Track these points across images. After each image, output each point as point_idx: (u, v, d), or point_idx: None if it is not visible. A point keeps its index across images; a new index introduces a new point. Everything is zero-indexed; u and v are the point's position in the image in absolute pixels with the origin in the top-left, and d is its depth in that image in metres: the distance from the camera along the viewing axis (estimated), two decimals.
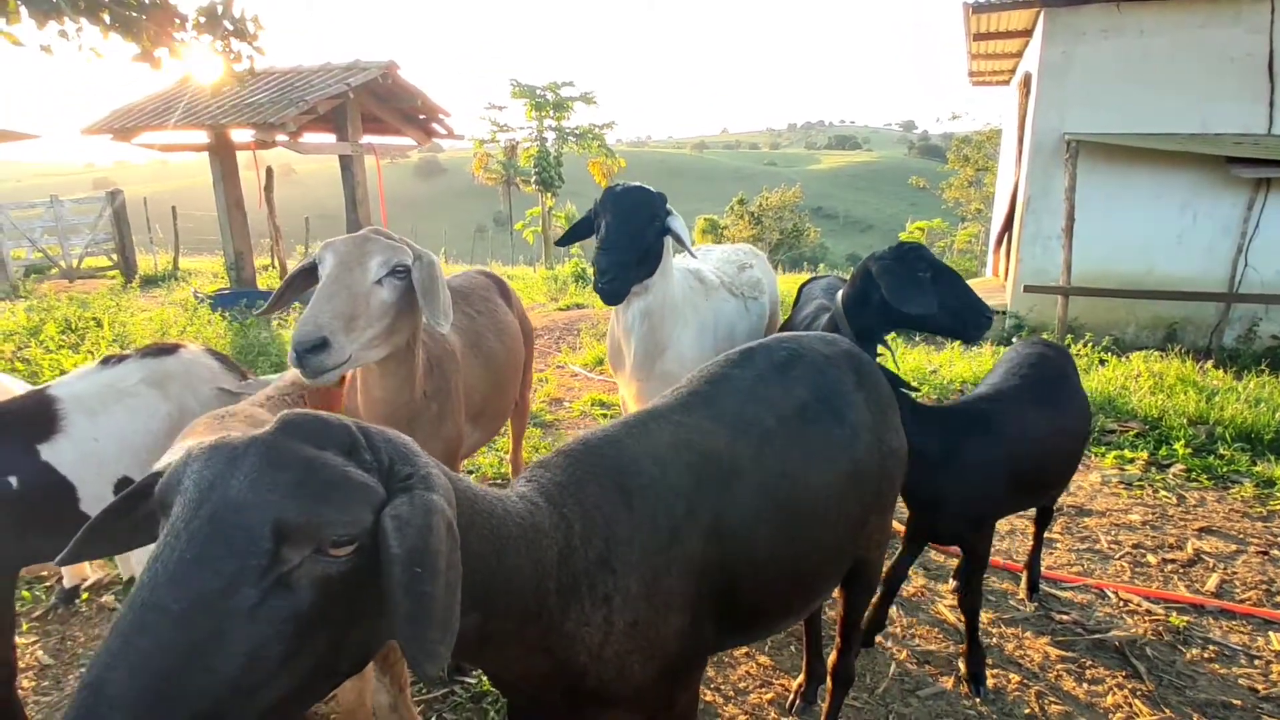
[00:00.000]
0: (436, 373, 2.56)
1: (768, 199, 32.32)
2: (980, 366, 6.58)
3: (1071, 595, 3.37)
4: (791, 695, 2.70)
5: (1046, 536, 3.89)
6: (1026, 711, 2.64)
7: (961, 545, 2.72)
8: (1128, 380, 6.19)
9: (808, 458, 1.74)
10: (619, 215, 2.80)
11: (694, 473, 1.55)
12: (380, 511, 0.94)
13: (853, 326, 2.99)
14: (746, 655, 2.99)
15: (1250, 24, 7.80)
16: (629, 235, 2.77)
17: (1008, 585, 3.46)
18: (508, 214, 30.13)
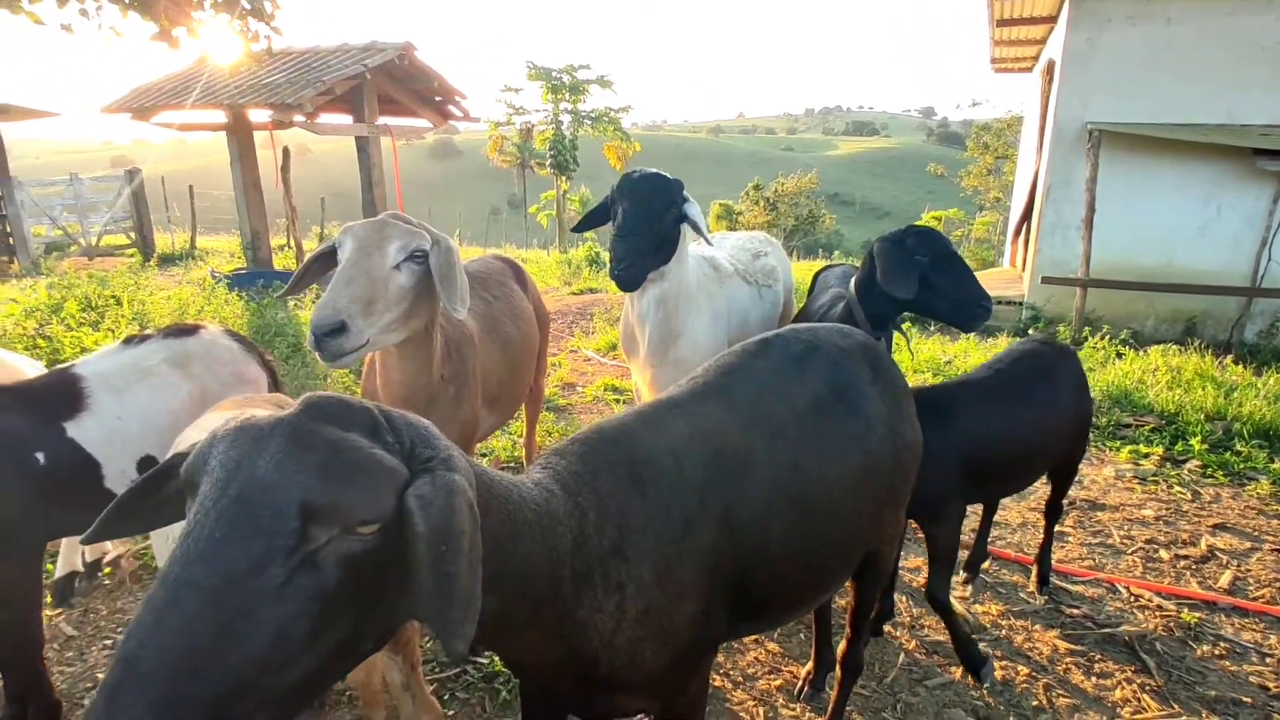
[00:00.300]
0: (454, 357, 2.58)
1: (783, 185, 32.10)
2: None
3: (1082, 589, 3.37)
4: (800, 682, 2.73)
5: (1058, 530, 3.89)
6: (1034, 703, 2.65)
7: (925, 533, 2.72)
8: (1145, 374, 6.14)
9: (822, 451, 1.74)
10: (636, 202, 2.80)
11: (708, 464, 1.56)
12: (403, 492, 0.95)
13: (865, 311, 3.00)
14: (755, 642, 3.01)
15: None
16: (646, 222, 2.77)
17: (1018, 578, 3.46)
18: (522, 197, 30.11)
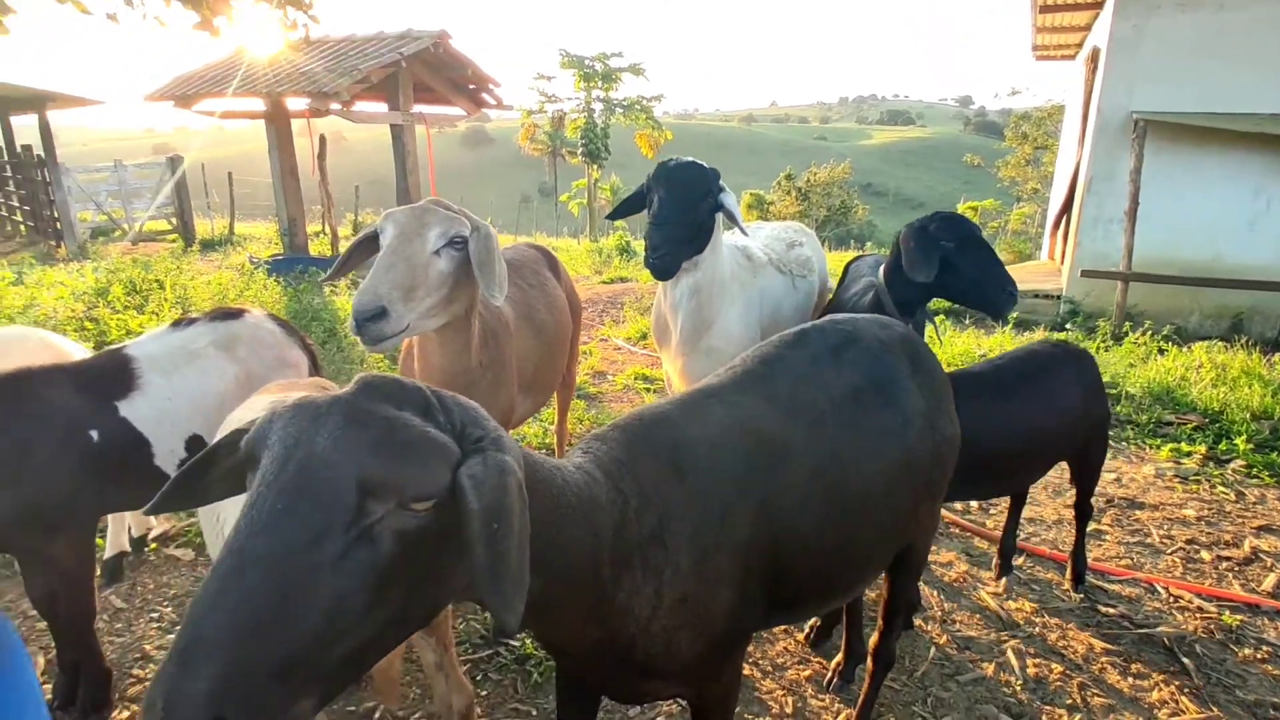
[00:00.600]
0: (491, 343, 2.61)
1: (816, 174, 31.76)
2: None
3: (1119, 589, 3.32)
4: (830, 674, 2.73)
5: (1095, 528, 3.83)
6: (1069, 702, 2.62)
7: None
8: (1188, 371, 5.99)
9: (860, 442, 1.74)
10: (672, 190, 2.80)
11: (747, 454, 1.56)
12: (455, 471, 0.98)
13: (892, 298, 2.99)
14: (785, 632, 3.02)
15: None
16: (681, 211, 2.77)
17: (1053, 575, 3.42)
18: (553, 185, 30.19)
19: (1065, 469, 3.24)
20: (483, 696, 2.62)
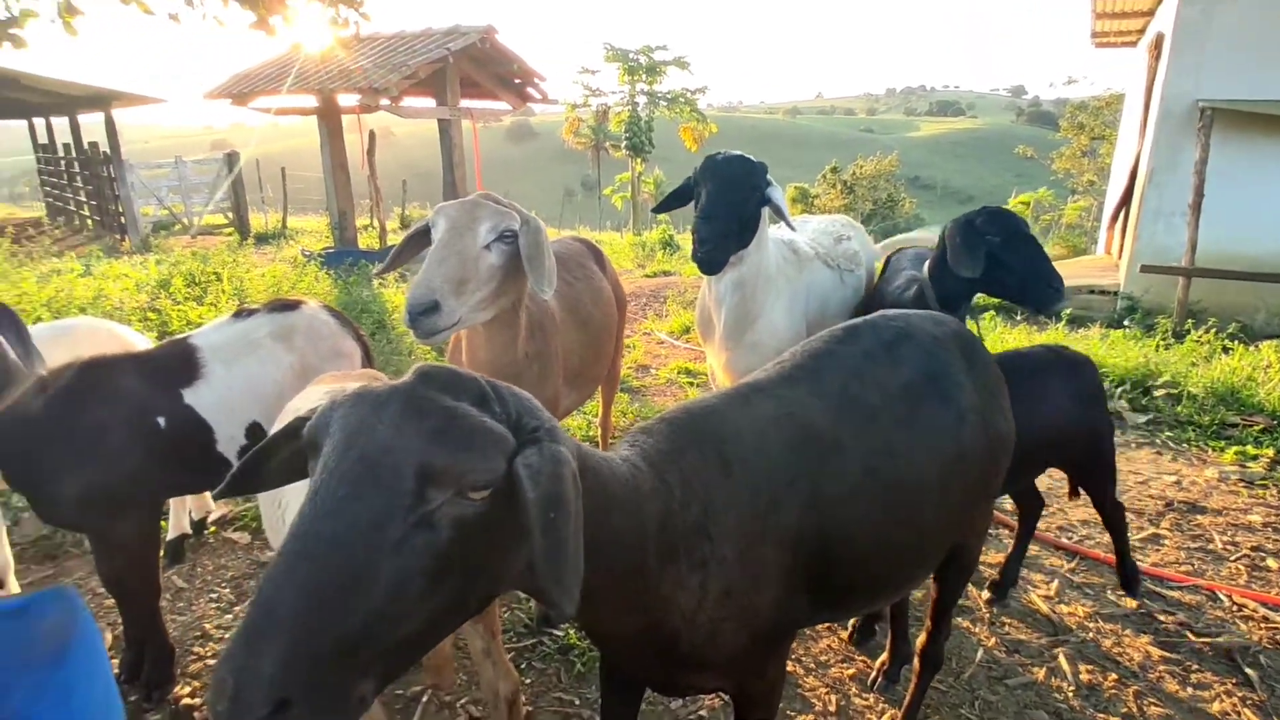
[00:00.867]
0: (538, 335, 2.64)
1: (862, 167, 31.20)
2: (1086, 348, 6.21)
3: (1179, 595, 3.20)
4: (874, 673, 2.70)
5: (1153, 532, 3.71)
6: (1123, 710, 2.55)
7: None
8: (1255, 370, 5.73)
9: (912, 439, 1.71)
10: (720, 184, 2.78)
11: (794, 446, 1.56)
12: (512, 460, 0.99)
13: (936, 292, 2.97)
14: (828, 630, 2.99)
15: None
16: (730, 205, 2.76)
17: (1107, 580, 3.32)
18: (596, 179, 30.26)
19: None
20: (527, 685, 2.66)
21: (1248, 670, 2.72)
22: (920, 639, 2.32)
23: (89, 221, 15.85)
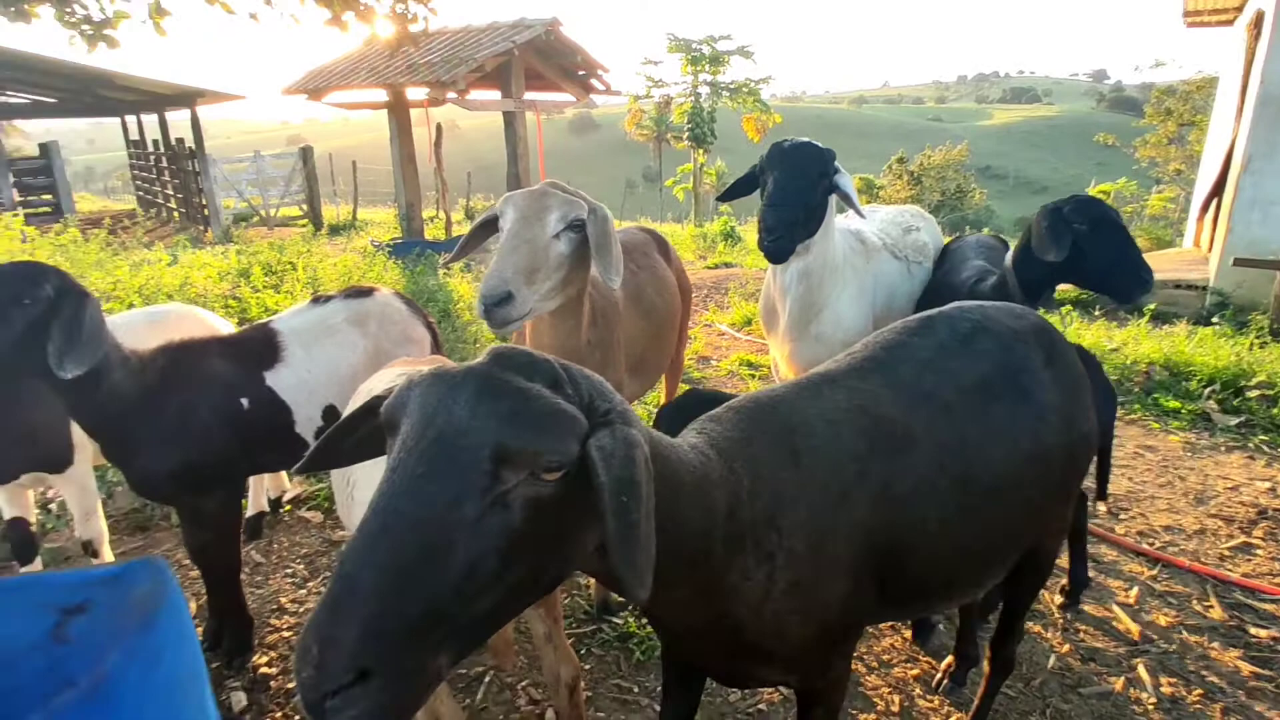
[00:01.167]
0: (600, 323, 2.65)
1: (929, 157, 30.29)
2: (1171, 346, 5.89)
3: (1273, 609, 3.02)
4: (939, 675, 2.63)
5: (1243, 541, 3.50)
6: None
7: None
8: None
9: (987, 434, 1.65)
10: (787, 171, 2.74)
11: (866, 437, 1.52)
12: (584, 442, 1.00)
13: (1019, 280, 2.91)
14: (892, 629, 2.93)
15: None
16: (797, 192, 2.71)
17: (1192, 589, 3.15)
18: (658, 170, 30.22)
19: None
20: (586, 671, 2.69)
21: None
22: (991, 641, 2.25)
23: (175, 214, 16.69)
